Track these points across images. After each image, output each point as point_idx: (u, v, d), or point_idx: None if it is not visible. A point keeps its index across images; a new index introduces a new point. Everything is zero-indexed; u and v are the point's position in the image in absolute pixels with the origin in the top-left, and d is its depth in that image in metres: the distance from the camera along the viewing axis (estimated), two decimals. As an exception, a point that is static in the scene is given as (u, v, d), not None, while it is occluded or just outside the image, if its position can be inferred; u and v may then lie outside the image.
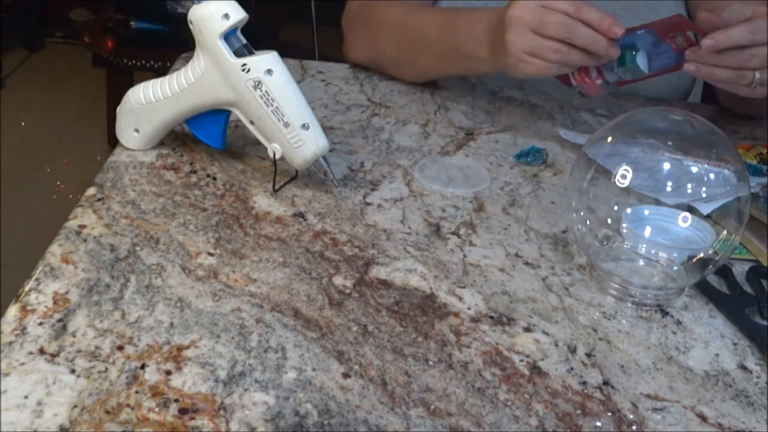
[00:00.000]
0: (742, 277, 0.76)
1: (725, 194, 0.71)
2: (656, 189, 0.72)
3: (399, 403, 0.56)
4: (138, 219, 0.73)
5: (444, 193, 0.84)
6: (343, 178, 0.84)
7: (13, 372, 0.54)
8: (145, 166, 0.81)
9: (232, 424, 0.53)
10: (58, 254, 0.67)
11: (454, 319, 0.65)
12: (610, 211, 0.72)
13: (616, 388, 0.60)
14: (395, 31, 1.07)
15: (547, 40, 0.88)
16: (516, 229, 0.79)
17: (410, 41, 1.05)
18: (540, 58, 0.89)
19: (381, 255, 0.72)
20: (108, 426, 0.51)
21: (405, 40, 1.06)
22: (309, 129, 0.77)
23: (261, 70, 0.76)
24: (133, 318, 0.61)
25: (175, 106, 0.80)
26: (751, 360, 0.65)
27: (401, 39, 1.06)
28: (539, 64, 0.90)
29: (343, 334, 0.62)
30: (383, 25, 1.08)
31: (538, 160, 0.92)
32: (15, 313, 0.59)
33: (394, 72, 1.10)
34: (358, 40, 1.12)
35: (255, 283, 0.66)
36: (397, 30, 1.07)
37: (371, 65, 1.12)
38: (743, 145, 0.98)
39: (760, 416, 0.60)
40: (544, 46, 0.89)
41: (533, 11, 0.89)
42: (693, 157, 0.71)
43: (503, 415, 0.56)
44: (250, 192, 0.79)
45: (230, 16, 0.76)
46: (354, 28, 1.13)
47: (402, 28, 1.06)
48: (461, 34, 0.99)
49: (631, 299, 0.70)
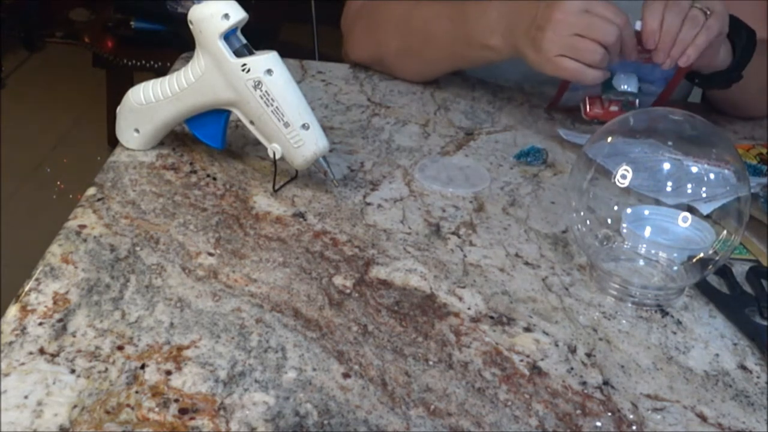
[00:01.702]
0: (742, 277, 0.76)
1: (725, 194, 0.71)
2: (656, 189, 0.72)
3: (399, 403, 0.56)
4: (138, 219, 0.73)
5: (444, 193, 0.84)
6: (343, 178, 0.84)
7: (13, 372, 0.54)
8: (145, 166, 0.81)
9: (232, 424, 0.53)
10: (58, 254, 0.67)
11: (454, 319, 0.65)
12: (610, 211, 0.72)
13: (616, 388, 0.60)
14: (401, 24, 1.07)
15: (587, 40, 0.90)
16: (516, 229, 0.79)
17: (417, 33, 1.05)
18: (575, 58, 0.90)
19: (381, 255, 0.72)
20: (108, 426, 0.51)
21: (412, 32, 1.06)
22: (309, 129, 0.77)
23: (261, 70, 0.76)
24: (133, 318, 0.61)
25: (175, 106, 0.80)
26: (751, 360, 0.65)
27: (408, 31, 1.06)
28: (570, 64, 0.91)
29: (343, 334, 0.62)
30: (388, 19, 1.08)
31: (538, 160, 0.92)
32: (15, 313, 0.59)
33: (398, 68, 1.09)
34: (361, 37, 1.12)
35: (255, 283, 0.66)
36: (402, 23, 1.06)
37: (374, 63, 1.11)
38: (743, 145, 0.98)
39: (760, 416, 0.60)
40: (583, 46, 0.90)
41: (581, 16, 0.90)
42: (693, 157, 0.71)
43: (503, 415, 0.56)
44: (250, 192, 0.79)
45: (230, 16, 0.76)
46: (356, 27, 1.13)
47: (408, 21, 1.06)
48: (471, 23, 1.00)
49: (631, 299, 0.70)
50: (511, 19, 0.96)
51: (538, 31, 0.91)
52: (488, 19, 0.98)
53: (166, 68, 2.02)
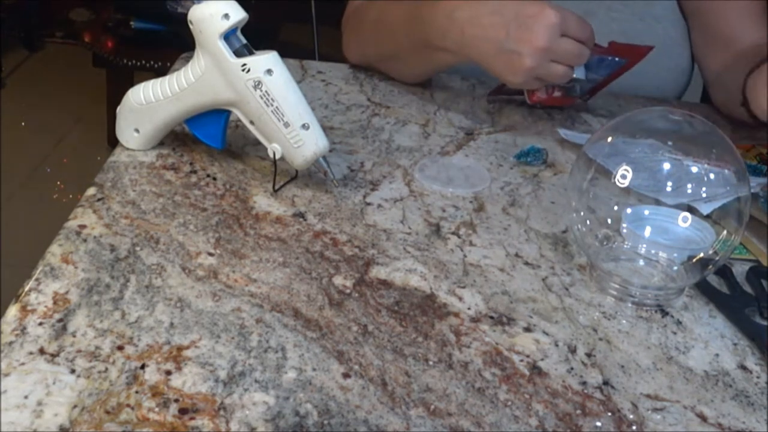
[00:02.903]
0: (742, 277, 0.76)
1: (725, 194, 0.71)
2: (656, 189, 0.72)
3: (399, 403, 0.56)
4: (138, 219, 0.73)
5: (444, 193, 0.84)
6: (343, 178, 0.84)
7: (13, 372, 0.54)
8: (145, 166, 0.81)
9: (232, 424, 0.53)
10: (58, 254, 0.67)
11: (454, 319, 0.65)
12: (610, 211, 0.72)
13: (616, 388, 0.60)
14: (374, 29, 1.06)
15: (561, 66, 0.90)
16: (516, 229, 0.79)
17: (386, 38, 1.04)
18: (544, 80, 0.92)
19: (381, 255, 0.72)
20: (108, 426, 0.51)
21: (382, 37, 1.05)
22: (309, 129, 0.77)
23: (261, 70, 0.76)
24: (133, 318, 0.61)
25: (175, 106, 0.80)
26: (751, 360, 0.65)
27: (379, 37, 1.06)
28: (539, 84, 0.94)
29: (343, 334, 0.62)
30: (366, 23, 1.08)
31: (538, 160, 0.92)
32: (15, 313, 0.59)
33: (384, 70, 1.09)
34: (349, 40, 1.13)
35: (255, 283, 0.66)
36: (375, 28, 1.06)
37: (365, 65, 1.12)
38: (743, 145, 0.98)
39: (760, 416, 0.60)
40: (558, 72, 0.90)
41: (559, 43, 0.88)
42: (693, 157, 0.71)
43: (503, 415, 0.56)
44: (250, 192, 0.79)
45: (230, 16, 0.76)
46: (347, 29, 1.14)
47: (379, 26, 1.06)
48: (423, 25, 0.96)
49: (631, 299, 0.70)
50: (466, 28, 0.92)
51: (514, 55, 0.88)
52: (437, 23, 0.95)
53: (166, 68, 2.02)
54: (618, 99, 1.12)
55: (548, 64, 0.89)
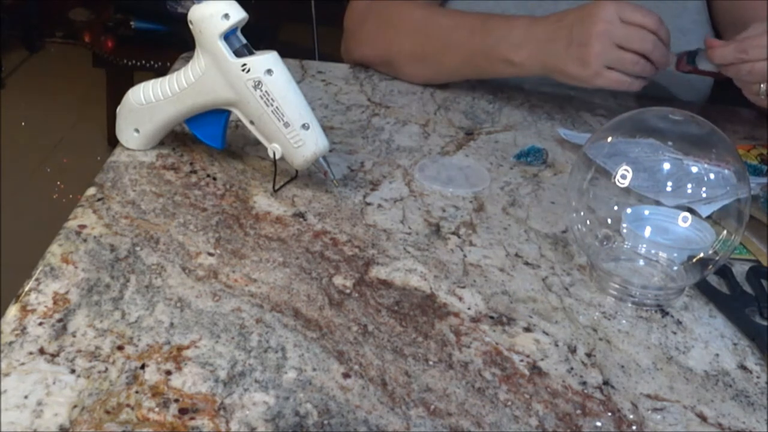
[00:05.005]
0: (742, 277, 0.76)
1: (725, 195, 0.71)
2: (656, 189, 0.72)
3: (399, 403, 0.56)
4: (138, 219, 0.73)
5: (444, 193, 0.84)
6: (343, 178, 0.84)
7: (13, 372, 0.54)
8: (145, 166, 0.81)
9: (232, 424, 0.53)
10: (58, 254, 0.67)
11: (454, 319, 0.65)
12: (610, 211, 0.72)
13: (616, 388, 0.60)
14: (418, 28, 1.07)
15: (628, 53, 0.93)
16: (516, 229, 0.79)
17: (434, 41, 1.06)
18: (619, 70, 0.94)
19: (381, 255, 0.72)
20: (108, 426, 0.51)
21: (428, 38, 1.07)
22: (309, 129, 0.77)
23: (261, 70, 0.76)
24: (133, 318, 0.61)
25: (175, 106, 0.80)
26: (751, 360, 0.65)
27: (424, 37, 1.07)
28: (617, 76, 0.95)
29: (343, 334, 0.62)
30: (403, 22, 1.09)
31: (538, 160, 0.92)
32: (15, 313, 0.59)
33: (407, 70, 1.09)
34: (371, 36, 1.12)
35: (255, 283, 0.66)
36: (420, 28, 1.07)
37: (380, 63, 1.11)
38: (743, 145, 0.98)
39: (760, 416, 0.60)
40: (626, 58, 0.93)
41: (618, 26, 0.93)
42: (693, 157, 0.71)
43: (503, 415, 0.56)
44: (250, 192, 0.79)
45: (230, 16, 0.76)
46: (366, 25, 1.12)
47: (425, 27, 1.07)
48: (495, 38, 1.01)
49: (631, 299, 0.70)
50: (541, 38, 0.98)
51: (581, 47, 0.94)
52: (514, 35, 1.00)
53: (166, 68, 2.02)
54: (618, 99, 1.12)
55: (614, 50, 0.93)
